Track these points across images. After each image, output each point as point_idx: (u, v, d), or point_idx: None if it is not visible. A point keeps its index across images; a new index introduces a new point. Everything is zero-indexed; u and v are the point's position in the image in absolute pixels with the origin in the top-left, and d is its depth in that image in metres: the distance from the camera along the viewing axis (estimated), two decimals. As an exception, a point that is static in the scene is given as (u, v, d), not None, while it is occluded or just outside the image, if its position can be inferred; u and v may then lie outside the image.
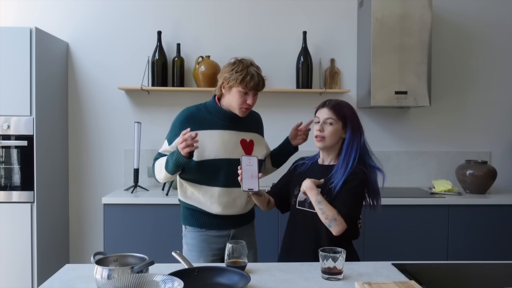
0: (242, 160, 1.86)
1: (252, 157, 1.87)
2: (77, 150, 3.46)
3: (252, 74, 2.01)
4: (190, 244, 2.14)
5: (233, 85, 2.02)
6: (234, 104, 2.04)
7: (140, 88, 3.27)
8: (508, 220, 3.05)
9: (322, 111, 1.96)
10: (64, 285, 1.54)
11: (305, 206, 1.94)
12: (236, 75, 2.00)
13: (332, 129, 1.92)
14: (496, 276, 1.76)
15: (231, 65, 2.06)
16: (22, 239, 2.88)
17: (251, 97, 2.04)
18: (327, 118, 1.93)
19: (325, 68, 3.50)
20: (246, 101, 2.03)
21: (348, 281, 1.57)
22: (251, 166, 1.86)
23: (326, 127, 1.93)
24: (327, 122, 1.93)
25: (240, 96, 2.02)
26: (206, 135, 2.04)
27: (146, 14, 3.43)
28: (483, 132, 3.59)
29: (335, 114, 1.93)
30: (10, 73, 2.85)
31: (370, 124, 3.53)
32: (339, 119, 1.93)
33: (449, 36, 3.55)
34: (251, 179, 1.86)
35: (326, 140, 1.93)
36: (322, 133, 1.93)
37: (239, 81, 1.99)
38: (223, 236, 2.12)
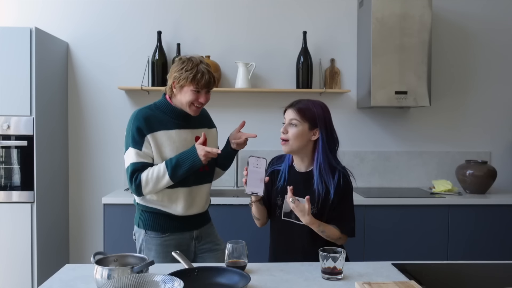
0: (249, 161, 1.76)
1: (261, 159, 1.77)
2: (77, 150, 3.46)
3: (203, 71, 1.95)
4: (153, 249, 2.04)
5: (184, 84, 1.97)
6: (185, 102, 1.99)
7: (140, 88, 3.27)
8: (508, 220, 3.05)
9: (288, 112, 1.88)
10: (64, 285, 1.54)
11: (292, 218, 1.85)
12: (186, 73, 1.95)
13: (296, 131, 1.83)
14: (496, 276, 1.76)
15: (180, 63, 1.99)
16: (22, 239, 2.88)
17: (203, 96, 2.00)
18: (291, 119, 1.85)
19: (325, 68, 3.50)
20: (198, 99, 1.99)
21: (348, 281, 1.57)
22: (258, 169, 1.75)
23: (290, 128, 1.85)
24: (291, 123, 1.85)
25: (191, 95, 1.97)
26: (163, 135, 2.00)
27: (146, 14, 3.43)
28: (483, 132, 3.59)
29: (300, 114, 1.83)
30: (10, 73, 2.85)
31: (370, 124, 3.53)
32: (305, 120, 1.83)
33: (449, 36, 3.55)
34: (257, 182, 1.75)
35: (290, 143, 1.84)
36: (286, 136, 1.85)
37: (190, 79, 1.94)
38: (187, 238, 2.09)
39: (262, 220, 1.99)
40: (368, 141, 3.53)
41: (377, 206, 2.99)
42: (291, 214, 1.85)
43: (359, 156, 3.50)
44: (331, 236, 1.82)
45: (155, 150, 1.99)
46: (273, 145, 3.44)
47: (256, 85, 3.44)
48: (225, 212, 2.90)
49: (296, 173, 1.93)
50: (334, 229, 1.84)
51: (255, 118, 3.44)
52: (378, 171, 3.53)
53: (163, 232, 2.05)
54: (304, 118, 1.84)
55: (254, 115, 3.45)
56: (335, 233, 1.83)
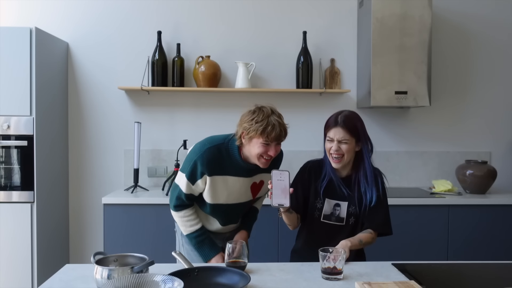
0: (272, 175, 1.78)
1: (284, 172, 1.79)
2: (77, 150, 3.46)
3: (274, 124, 1.87)
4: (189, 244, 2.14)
5: (253, 136, 1.88)
6: (254, 155, 1.92)
7: (140, 88, 3.26)
8: (508, 220, 3.05)
9: (335, 130, 1.93)
10: (64, 285, 1.54)
11: (332, 220, 1.99)
12: (256, 125, 1.87)
13: (348, 148, 1.93)
14: (496, 276, 1.76)
15: (251, 114, 1.91)
16: (22, 239, 2.88)
17: (273, 148, 1.90)
18: (342, 138, 1.92)
19: (325, 68, 3.50)
20: (267, 152, 1.90)
21: (348, 281, 1.57)
22: (282, 181, 1.77)
23: (342, 146, 1.92)
24: (342, 142, 1.92)
25: (261, 147, 1.89)
26: (220, 181, 1.99)
27: (146, 14, 3.43)
28: (483, 132, 3.59)
29: (349, 132, 1.92)
30: (10, 73, 2.85)
31: (370, 124, 3.52)
32: (352, 136, 1.93)
33: (449, 36, 3.55)
34: (282, 194, 1.77)
35: (344, 159, 1.94)
36: (339, 153, 1.92)
37: (260, 132, 1.86)
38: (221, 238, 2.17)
39: (294, 224, 2.04)
40: (368, 141, 3.53)
41: (377, 206, 2.99)
42: (331, 217, 1.99)
43: (359, 156, 3.50)
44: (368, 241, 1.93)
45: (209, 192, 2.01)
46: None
47: (256, 85, 3.44)
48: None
49: (337, 177, 2.01)
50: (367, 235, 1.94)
51: (255, 118, 3.45)
52: (378, 171, 3.52)
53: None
54: (352, 135, 1.94)
55: (254, 115, 3.45)
56: (369, 237, 1.94)
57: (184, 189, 2.01)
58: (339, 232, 1.97)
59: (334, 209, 1.99)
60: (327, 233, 1.98)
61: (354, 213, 1.97)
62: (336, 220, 1.98)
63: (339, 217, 1.98)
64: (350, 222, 1.99)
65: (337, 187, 1.99)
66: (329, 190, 1.99)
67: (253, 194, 2.11)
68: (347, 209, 1.97)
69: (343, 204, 1.98)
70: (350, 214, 1.98)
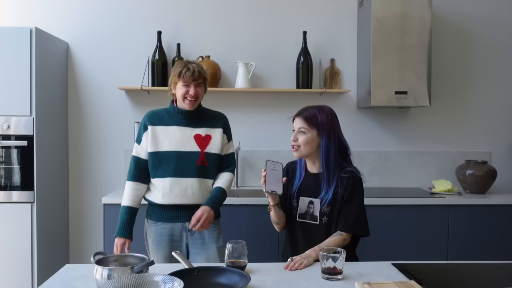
0: (266, 164, 1.85)
1: (278, 163, 1.88)
2: (77, 150, 3.46)
3: (189, 67, 2.16)
4: (151, 236, 2.27)
5: (175, 81, 2.19)
6: (180, 97, 2.19)
7: (140, 88, 3.27)
8: (508, 220, 3.05)
9: (296, 121, 1.99)
10: (64, 285, 1.54)
11: (307, 218, 1.97)
12: (175, 71, 2.19)
13: (305, 138, 1.94)
14: (496, 276, 1.76)
15: (174, 66, 2.24)
16: (22, 239, 2.88)
17: (192, 89, 2.16)
18: (300, 127, 1.96)
19: (325, 68, 3.50)
20: (188, 92, 2.16)
21: (348, 281, 1.57)
22: (276, 171, 1.86)
23: (299, 136, 1.95)
24: (300, 131, 1.95)
25: (181, 88, 2.17)
26: (161, 130, 2.22)
27: (146, 15, 3.43)
28: (483, 132, 3.59)
29: (307, 122, 1.94)
30: (10, 73, 2.85)
31: (370, 124, 3.53)
32: (313, 127, 1.94)
33: (449, 36, 3.55)
34: (275, 181, 1.85)
35: (301, 149, 1.95)
36: (296, 143, 1.95)
37: (177, 74, 2.17)
38: (178, 228, 2.23)
39: (281, 224, 2.05)
40: (368, 141, 3.53)
41: (377, 206, 2.99)
42: (306, 215, 1.97)
43: (359, 156, 3.50)
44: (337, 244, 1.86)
45: (151, 141, 2.20)
46: (272, 145, 3.44)
47: (256, 85, 3.44)
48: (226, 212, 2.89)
49: (310, 174, 2.02)
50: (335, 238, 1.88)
51: (255, 118, 3.45)
52: (378, 171, 3.53)
53: (157, 221, 2.25)
54: (312, 125, 1.94)
55: (254, 115, 3.45)
56: (338, 239, 1.88)
57: (133, 153, 2.26)
58: (314, 231, 1.95)
59: (308, 207, 1.98)
60: (304, 233, 1.98)
61: (327, 212, 1.93)
62: (311, 218, 1.96)
63: (313, 215, 1.96)
64: (323, 222, 1.95)
65: (310, 185, 1.99)
66: (302, 188, 2.00)
67: (200, 146, 2.21)
68: (320, 208, 1.95)
69: (316, 201, 1.95)
70: (323, 213, 1.94)
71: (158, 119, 2.24)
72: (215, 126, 2.27)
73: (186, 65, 2.17)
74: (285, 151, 3.45)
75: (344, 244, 1.88)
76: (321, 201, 1.94)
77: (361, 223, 1.93)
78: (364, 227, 1.94)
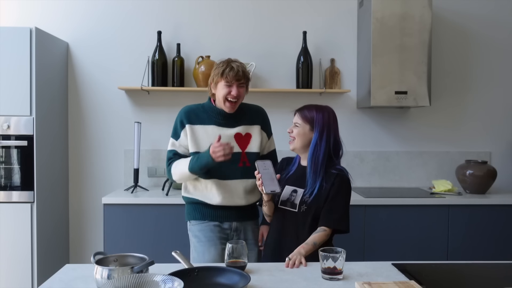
0: (257, 166, 1.93)
1: (266, 161, 1.97)
2: (77, 150, 3.46)
3: (232, 66, 2.11)
4: (198, 236, 2.21)
5: (217, 81, 2.14)
6: (221, 97, 2.14)
7: (140, 88, 3.27)
8: (508, 220, 3.05)
9: (295, 115, 2.08)
10: (64, 285, 1.54)
11: (287, 206, 2.02)
12: (217, 70, 2.15)
13: (297, 132, 2.02)
14: (496, 276, 1.76)
15: (215, 65, 2.20)
16: (22, 239, 2.88)
17: (235, 88, 2.12)
18: (295, 122, 2.05)
19: (325, 68, 3.50)
20: (230, 92, 2.11)
21: (348, 281, 1.57)
22: (268, 170, 1.93)
23: (294, 129, 2.05)
24: (295, 125, 2.05)
25: (224, 88, 2.12)
26: (201, 129, 2.18)
27: (146, 14, 3.43)
28: (483, 132, 3.59)
29: (301, 117, 2.03)
30: (10, 73, 2.85)
31: (370, 124, 3.53)
32: (306, 122, 2.02)
33: (449, 36, 3.55)
34: (271, 181, 1.91)
35: (295, 142, 2.03)
36: (291, 135, 2.05)
37: (220, 74, 2.12)
38: (226, 228, 2.21)
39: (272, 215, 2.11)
40: (368, 141, 3.53)
41: (377, 206, 2.99)
42: (286, 202, 2.02)
43: (359, 156, 3.50)
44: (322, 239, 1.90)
45: (191, 141, 2.17)
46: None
47: (256, 85, 3.44)
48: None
49: (301, 167, 2.08)
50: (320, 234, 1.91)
51: (255, 118, 3.44)
52: (378, 171, 3.53)
53: (202, 219, 2.21)
54: (305, 120, 2.02)
55: (254, 115, 3.45)
56: (322, 235, 1.91)
57: (169, 147, 2.23)
58: (292, 219, 1.99)
59: (291, 195, 2.02)
60: (282, 220, 2.02)
61: (307, 202, 1.96)
62: (291, 206, 2.00)
63: (293, 203, 1.99)
64: (302, 210, 1.97)
65: (298, 176, 2.04)
66: (291, 178, 2.07)
67: (241, 146, 2.20)
68: (301, 196, 1.98)
69: (300, 190, 2.00)
70: (303, 201, 1.97)
71: (196, 117, 2.20)
72: (253, 122, 2.26)
73: (229, 64, 2.13)
74: (285, 151, 3.43)
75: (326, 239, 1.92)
76: (303, 191, 1.98)
77: (344, 220, 1.96)
78: (346, 224, 1.97)
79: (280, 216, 2.04)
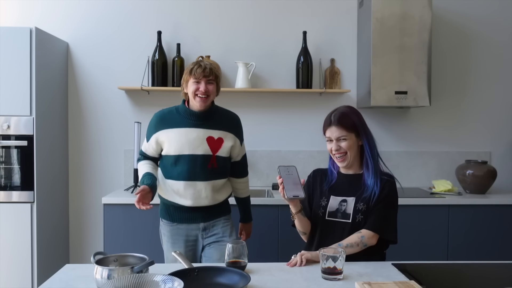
0: (280, 171, 1.80)
1: (291, 166, 1.83)
2: (77, 150, 3.46)
3: (200, 64, 2.17)
4: (166, 235, 2.29)
5: (187, 79, 2.19)
6: (191, 94, 2.18)
7: (140, 88, 3.27)
8: (508, 220, 3.05)
9: (331, 130, 1.91)
10: (64, 285, 1.54)
11: (337, 217, 1.90)
12: (186, 70, 2.21)
13: (348, 144, 1.89)
14: (496, 276, 1.76)
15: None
16: (22, 239, 2.88)
17: (203, 84, 2.16)
18: (339, 136, 1.89)
19: (325, 68, 3.50)
20: (199, 89, 2.16)
21: (348, 281, 1.57)
22: (291, 175, 1.80)
23: (341, 144, 1.89)
24: (340, 140, 1.89)
25: (192, 85, 2.17)
26: (173, 133, 2.20)
27: (146, 14, 3.43)
28: (483, 132, 3.59)
29: (345, 129, 1.89)
30: (10, 73, 2.85)
31: (370, 124, 3.47)
32: (351, 131, 1.90)
33: (449, 36, 3.55)
34: (294, 186, 1.77)
35: (348, 156, 1.90)
36: (340, 151, 1.90)
37: (189, 72, 2.18)
38: (193, 229, 2.26)
39: (308, 231, 1.98)
40: (368, 141, 3.52)
41: (377, 206, 2.99)
42: (336, 213, 1.91)
43: (359, 156, 3.50)
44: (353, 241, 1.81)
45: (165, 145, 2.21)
46: (272, 145, 3.44)
47: (256, 85, 3.44)
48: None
49: (344, 176, 1.98)
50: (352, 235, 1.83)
51: (255, 118, 3.44)
52: (378, 171, 3.52)
53: (172, 221, 2.28)
54: (350, 129, 1.89)
55: (254, 115, 3.45)
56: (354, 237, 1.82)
57: (142, 147, 2.33)
58: (345, 230, 1.87)
59: (340, 205, 1.90)
60: (333, 233, 1.88)
61: (362, 210, 1.86)
62: (342, 216, 1.88)
63: (345, 213, 1.88)
64: (357, 220, 1.87)
65: (344, 185, 1.94)
66: (335, 188, 1.95)
67: (212, 149, 2.20)
68: (354, 205, 1.88)
69: (350, 199, 1.89)
70: (358, 210, 1.87)
71: (169, 121, 2.22)
72: (227, 129, 2.26)
73: (198, 63, 2.20)
74: (285, 151, 3.45)
75: (363, 242, 1.81)
76: (355, 200, 1.88)
77: (390, 226, 1.89)
78: (391, 231, 1.89)
79: (328, 230, 1.89)
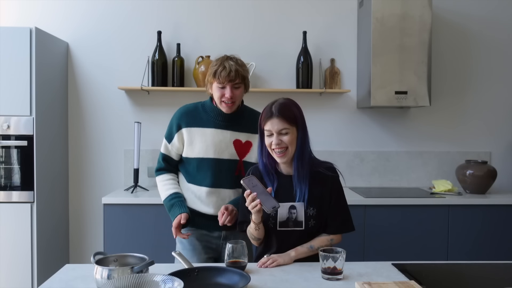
0: (245, 185, 1.69)
1: (251, 177, 1.72)
2: (77, 150, 3.46)
3: (225, 66, 1.94)
4: (183, 242, 2.12)
5: (211, 81, 2.00)
6: (217, 100, 2.00)
7: (140, 88, 3.27)
8: (508, 220, 3.05)
9: (272, 122, 1.73)
10: (64, 285, 1.54)
11: (289, 226, 1.78)
12: (210, 69, 2.00)
13: (290, 138, 1.73)
14: (496, 276, 1.76)
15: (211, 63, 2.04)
16: (22, 239, 2.88)
17: (228, 90, 1.96)
18: (281, 129, 1.73)
19: (325, 68, 3.50)
20: (224, 95, 1.97)
21: (348, 281, 1.57)
22: (257, 186, 1.69)
23: (283, 138, 1.74)
24: (282, 133, 1.73)
25: (217, 91, 1.98)
26: (197, 133, 2.04)
27: (146, 14, 3.43)
28: (483, 132, 3.59)
29: (288, 121, 1.73)
30: (10, 73, 2.85)
31: (370, 124, 3.53)
32: (293, 124, 1.75)
33: (449, 36, 3.55)
34: (267, 198, 1.66)
35: (289, 151, 1.75)
36: (281, 146, 1.74)
37: (212, 75, 1.97)
38: (215, 237, 2.12)
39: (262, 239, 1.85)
40: (368, 141, 3.53)
41: (377, 206, 2.99)
42: (288, 223, 1.78)
43: (359, 156, 3.50)
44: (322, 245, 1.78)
45: (187, 145, 2.05)
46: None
47: (256, 85, 3.44)
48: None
49: (284, 177, 1.83)
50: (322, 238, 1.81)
51: (255, 118, 3.44)
52: (378, 171, 3.53)
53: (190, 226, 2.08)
54: (291, 121, 1.75)
55: (254, 115, 3.45)
56: (324, 240, 1.81)
57: (162, 150, 2.13)
58: (302, 236, 1.78)
59: (290, 213, 1.76)
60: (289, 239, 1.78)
61: (313, 215, 1.76)
62: (294, 225, 1.76)
63: (296, 221, 1.76)
64: (310, 225, 1.77)
65: (287, 188, 1.78)
66: (280, 193, 1.78)
67: (239, 153, 2.04)
68: (304, 211, 1.76)
69: (299, 205, 1.76)
70: (309, 216, 1.76)
71: (194, 118, 2.05)
72: (256, 131, 1.92)
73: (222, 63, 1.95)
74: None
75: (332, 244, 1.80)
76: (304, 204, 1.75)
77: (347, 221, 1.83)
78: (349, 224, 1.84)
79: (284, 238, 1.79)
